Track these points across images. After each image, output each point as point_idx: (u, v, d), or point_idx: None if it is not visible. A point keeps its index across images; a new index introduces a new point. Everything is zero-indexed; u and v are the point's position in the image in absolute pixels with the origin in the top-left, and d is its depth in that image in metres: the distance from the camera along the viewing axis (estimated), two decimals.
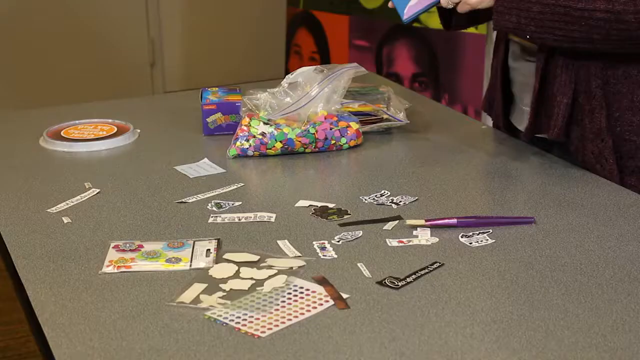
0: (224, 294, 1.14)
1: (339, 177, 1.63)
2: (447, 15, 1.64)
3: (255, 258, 1.23)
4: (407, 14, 1.55)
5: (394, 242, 1.28)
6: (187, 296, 1.13)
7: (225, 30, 4.42)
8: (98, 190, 1.49)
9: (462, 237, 1.29)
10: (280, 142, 1.64)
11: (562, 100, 1.51)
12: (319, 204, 1.42)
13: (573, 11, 1.41)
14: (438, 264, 1.21)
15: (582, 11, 1.40)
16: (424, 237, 1.30)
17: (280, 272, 1.19)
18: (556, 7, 1.42)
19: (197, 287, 1.15)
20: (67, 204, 1.44)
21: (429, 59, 3.31)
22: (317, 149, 1.67)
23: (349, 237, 1.30)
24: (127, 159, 1.68)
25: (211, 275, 1.19)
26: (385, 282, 1.16)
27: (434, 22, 3.27)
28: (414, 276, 1.18)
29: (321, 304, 1.11)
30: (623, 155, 1.50)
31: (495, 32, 1.71)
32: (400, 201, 1.43)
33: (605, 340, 1.02)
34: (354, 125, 1.69)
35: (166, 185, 1.52)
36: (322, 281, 1.17)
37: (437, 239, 1.29)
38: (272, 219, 1.37)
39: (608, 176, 1.50)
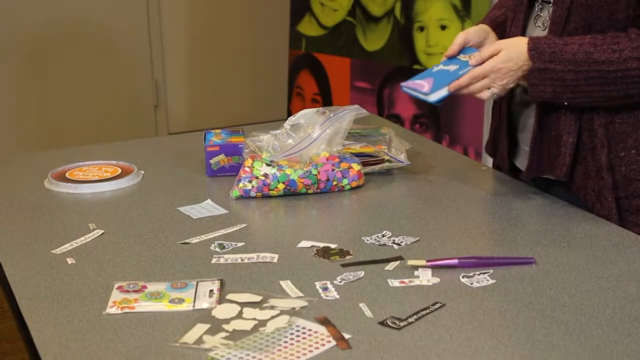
0: (227, 334, 1.14)
1: (340, 218, 1.64)
2: None
3: (258, 298, 1.24)
4: (435, 95, 1.63)
5: (395, 283, 1.29)
6: (190, 337, 1.14)
7: (229, 73, 4.46)
8: (102, 232, 1.51)
9: (463, 277, 1.30)
10: (283, 183, 1.65)
11: (569, 140, 1.53)
12: (321, 245, 1.43)
13: (607, 74, 1.44)
14: (439, 304, 1.22)
15: (616, 72, 1.44)
16: (425, 277, 1.30)
17: (282, 312, 1.20)
18: (589, 72, 1.45)
19: (200, 328, 1.16)
20: (72, 245, 1.45)
21: None
22: (319, 190, 1.68)
23: (351, 277, 1.31)
24: (131, 200, 1.69)
25: (214, 316, 1.19)
26: (387, 323, 1.17)
27: (434, 63, 3.30)
28: (415, 316, 1.18)
29: (323, 345, 1.11)
30: (628, 194, 1.52)
31: None
32: (401, 242, 1.44)
33: None
34: (356, 167, 1.70)
35: (170, 226, 1.53)
36: (324, 321, 1.17)
37: (439, 280, 1.29)
38: (275, 260, 1.38)
39: (607, 215, 1.51)
